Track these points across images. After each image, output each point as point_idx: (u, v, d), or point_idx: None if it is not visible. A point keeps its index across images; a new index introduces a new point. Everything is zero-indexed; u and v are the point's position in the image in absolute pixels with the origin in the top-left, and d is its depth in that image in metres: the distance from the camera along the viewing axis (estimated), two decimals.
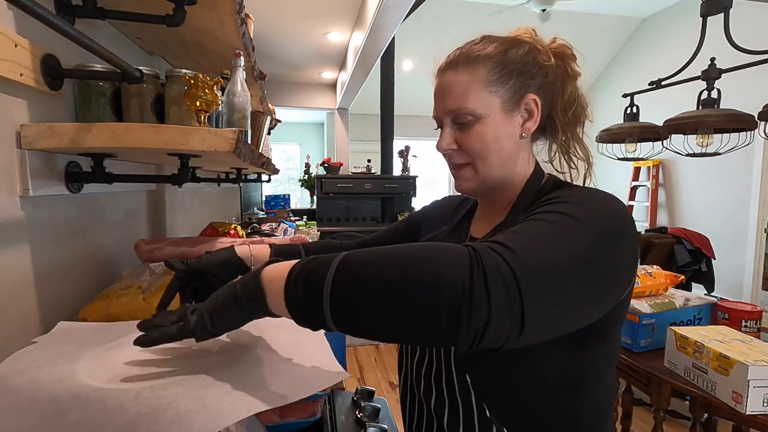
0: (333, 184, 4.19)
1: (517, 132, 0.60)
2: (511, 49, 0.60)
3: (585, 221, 0.46)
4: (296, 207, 5.62)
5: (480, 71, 0.58)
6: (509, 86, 0.59)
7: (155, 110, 0.83)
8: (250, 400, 0.43)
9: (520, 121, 0.61)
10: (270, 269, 0.47)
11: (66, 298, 0.84)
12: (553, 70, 0.61)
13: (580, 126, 0.64)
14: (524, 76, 0.59)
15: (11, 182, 0.67)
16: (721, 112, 1.88)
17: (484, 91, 0.58)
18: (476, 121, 0.59)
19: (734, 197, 4.42)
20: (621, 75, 5.99)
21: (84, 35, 0.59)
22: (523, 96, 0.60)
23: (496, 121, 0.59)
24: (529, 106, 0.60)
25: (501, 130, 0.59)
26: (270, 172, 1.70)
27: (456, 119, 0.60)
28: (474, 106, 0.58)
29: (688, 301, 1.51)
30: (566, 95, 0.62)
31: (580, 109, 0.63)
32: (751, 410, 1.05)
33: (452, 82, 0.60)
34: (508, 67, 0.59)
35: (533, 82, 0.60)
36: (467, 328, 0.38)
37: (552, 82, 0.61)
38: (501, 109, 0.59)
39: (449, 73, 0.61)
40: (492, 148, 0.59)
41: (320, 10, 3.14)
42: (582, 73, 0.65)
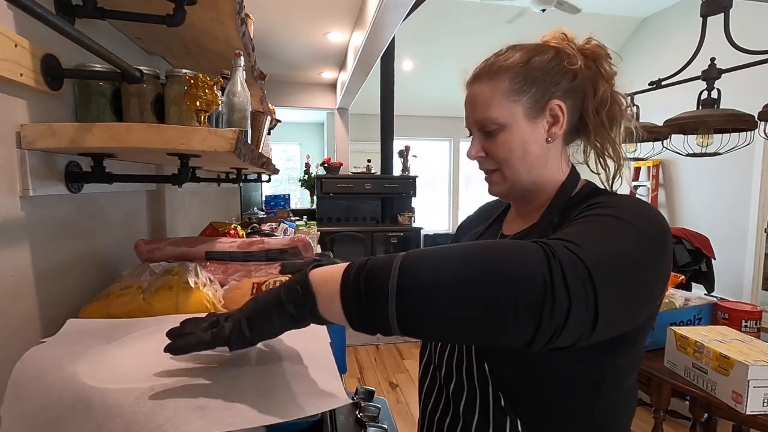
0: (333, 184, 4.19)
1: (542, 137, 0.62)
2: (535, 57, 0.61)
3: (636, 224, 0.48)
4: (296, 207, 5.63)
5: (501, 82, 0.61)
6: (531, 94, 0.61)
7: (155, 110, 0.83)
8: (250, 415, 0.43)
9: (546, 126, 0.62)
10: (318, 272, 0.46)
11: (66, 298, 0.84)
12: (582, 71, 0.61)
13: (617, 126, 0.64)
14: (547, 82, 0.61)
15: (11, 182, 0.67)
16: (721, 112, 1.88)
17: (506, 101, 0.60)
18: (500, 129, 0.61)
19: (734, 197, 4.42)
20: (621, 75, 5.93)
21: (84, 35, 0.59)
22: (547, 102, 0.61)
23: (521, 129, 0.61)
24: (554, 112, 0.61)
25: (526, 137, 0.61)
26: (270, 172, 1.70)
27: (482, 128, 0.63)
28: (497, 116, 0.61)
29: (688, 301, 1.51)
30: (598, 96, 0.62)
31: (616, 107, 0.63)
32: (751, 410, 1.05)
33: (477, 94, 0.63)
34: (530, 75, 0.60)
35: (558, 87, 0.61)
36: (548, 325, 0.38)
37: (581, 85, 0.62)
38: (524, 117, 0.61)
39: (475, 86, 0.64)
40: (517, 154, 0.62)
41: (320, 10, 3.14)
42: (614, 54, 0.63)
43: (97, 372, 0.49)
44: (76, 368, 0.50)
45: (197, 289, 0.85)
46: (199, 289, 0.86)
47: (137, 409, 0.42)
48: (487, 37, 5.37)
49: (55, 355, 0.55)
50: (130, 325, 0.68)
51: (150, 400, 0.43)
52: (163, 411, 0.42)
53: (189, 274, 0.89)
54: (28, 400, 0.47)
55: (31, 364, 0.52)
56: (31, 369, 0.51)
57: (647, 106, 2.84)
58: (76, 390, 0.46)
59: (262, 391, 0.48)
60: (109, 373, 0.49)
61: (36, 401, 0.46)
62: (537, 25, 5.13)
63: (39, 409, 0.45)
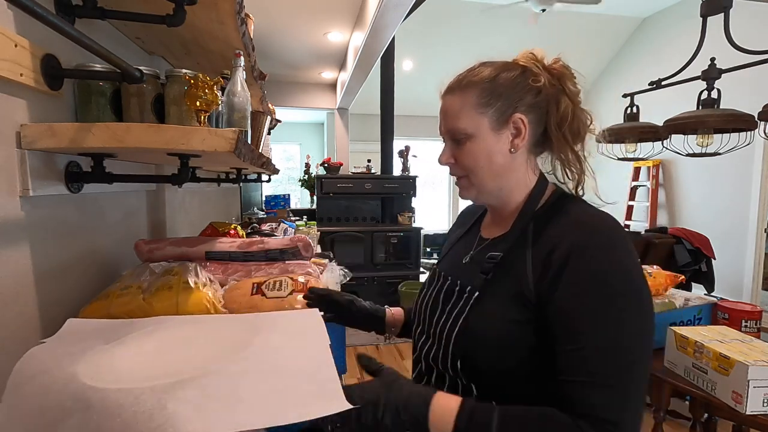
0: (333, 184, 4.19)
1: (506, 148, 0.67)
2: (502, 74, 0.67)
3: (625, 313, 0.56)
4: (296, 207, 5.63)
5: (470, 95, 0.67)
6: (497, 108, 0.66)
7: (155, 110, 0.83)
8: (251, 417, 0.43)
9: (510, 137, 0.67)
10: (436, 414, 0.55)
11: (66, 298, 0.84)
12: (546, 89, 0.67)
13: (580, 140, 0.69)
14: (512, 97, 0.66)
15: (11, 182, 0.67)
16: (721, 112, 1.88)
17: (474, 113, 0.66)
18: (468, 139, 0.67)
19: (734, 197, 4.42)
20: (621, 75, 5.98)
21: (84, 35, 0.59)
22: (510, 115, 0.66)
23: (486, 139, 0.67)
24: (517, 125, 0.67)
25: (491, 147, 0.67)
26: (270, 172, 1.70)
27: (452, 137, 0.69)
28: (465, 126, 0.67)
29: (688, 301, 1.51)
30: (560, 112, 0.67)
31: (578, 123, 0.68)
32: (751, 410, 1.05)
33: (449, 105, 0.69)
34: (496, 90, 0.66)
35: (522, 101, 0.67)
36: None
37: (544, 101, 0.68)
38: (490, 128, 0.67)
39: (447, 97, 0.70)
40: (482, 162, 0.67)
41: (320, 10, 3.14)
42: (582, 74, 0.68)
43: (97, 372, 0.49)
44: (75, 368, 0.50)
45: (197, 289, 0.85)
46: (199, 289, 0.86)
47: (137, 409, 0.42)
48: (487, 37, 5.38)
49: (54, 355, 0.54)
50: (130, 325, 0.68)
51: (150, 401, 0.43)
52: (163, 411, 0.41)
53: (189, 274, 0.89)
54: (27, 400, 0.47)
55: (31, 364, 0.52)
56: (30, 369, 0.51)
57: (647, 106, 2.84)
58: (76, 390, 0.46)
59: (262, 393, 0.48)
60: (108, 373, 0.49)
61: (35, 401, 0.46)
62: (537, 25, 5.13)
63: (38, 409, 0.45)
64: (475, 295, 0.66)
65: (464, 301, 0.67)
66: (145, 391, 0.44)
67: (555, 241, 0.60)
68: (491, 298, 0.64)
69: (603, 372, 0.54)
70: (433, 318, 0.72)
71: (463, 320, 0.65)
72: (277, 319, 0.76)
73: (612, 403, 0.53)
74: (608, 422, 0.52)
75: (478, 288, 0.66)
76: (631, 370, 0.54)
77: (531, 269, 0.61)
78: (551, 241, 0.61)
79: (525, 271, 0.62)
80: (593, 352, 0.55)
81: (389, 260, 4.33)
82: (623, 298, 0.56)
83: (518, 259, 0.64)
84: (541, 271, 0.60)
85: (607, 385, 0.53)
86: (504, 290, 0.63)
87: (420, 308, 0.78)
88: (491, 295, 0.64)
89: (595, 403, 0.53)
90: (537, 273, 0.60)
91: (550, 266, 0.59)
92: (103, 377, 0.48)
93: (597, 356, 0.54)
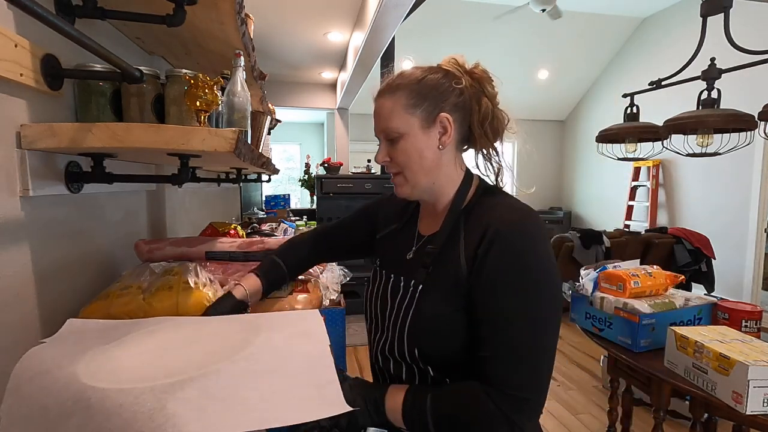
0: (333, 184, 4.19)
1: (435, 145, 0.73)
2: (428, 76, 0.73)
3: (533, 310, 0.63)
4: (296, 207, 5.63)
5: (400, 97, 0.72)
6: (424, 108, 0.71)
7: (155, 110, 0.83)
8: (251, 418, 0.43)
9: (438, 135, 0.73)
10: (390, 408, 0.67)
11: (66, 298, 0.84)
12: (467, 90, 0.73)
13: (499, 137, 0.76)
14: (437, 98, 0.72)
15: (11, 182, 0.67)
16: (721, 112, 1.87)
17: (404, 113, 0.71)
18: (400, 137, 0.72)
19: (734, 197, 4.42)
20: (621, 75, 5.98)
21: (84, 35, 0.59)
22: (437, 115, 0.72)
23: (417, 137, 0.72)
24: (443, 123, 0.72)
25: (421, 144, 0.72)
26: (270, 172, 1.70)
27: (386, 136, 0.74)
28: (397, 126, 0.72)
29: (688, 301, 1.51)
30: (481, 111, 0.73)
31: (497, 122, 0.74)
32: (751, 410, 1.05)
33: (381, 107, 0.74)
34: (422, 91, 0.71)
35: (447, 102, 0.72)
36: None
37: (467, 101, 0.73)
38: (420, 127, 0.72)
39: (380, 99, 0.75)
40: (414, 158, 0.73)
41: (320, 10, 3.14)
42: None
43: (97, 372, 0.49)
44: (75, 368, 0.50)
45: (197, 289, 0.85)
46: (199, 289, 0.86)
47: (137, 409, 0.42)
48: (487, 36, 5.38)
49: (55, 356, 0.54)
50: (130, 326, 0.68)
51: (150, 401, 0.43)
52: (163, 411, 0.41)
53: (189, 274, 0.89)
54: (28, 400, 0.47)
55: (31, 364, 0.52)
56: (31, 369, 0.51)
57: (647, 106, 2.84)
58: (76, 390, 0.46)
59: (262, 394, 0.48)
60: (109, 374, 0.49)
61: (36, 401, 0.46)
62: (537, 25, 5.14)
63: (39, 409, 0.45)
64: (420, 288, 0.72)
65: (410, 295, 0.73)
66: (145, 391, 0.44)
67: (482, 232, 0.67)
68: (434, 290, 0.70)
69: (511, 347, 0.62)
70: (384, 313, 0.78)
71: (412, 313, 0.71)
72: (277, 319, 0.75)
73: (517, 373, 0.62)
74: (511, 388, 0.61)
75: (421, 282, 0.72)
76: (537, 347, 0.63)
77: (464, 261, 0.68)
78: (479, 232, 0.67)
79: (459, 263, 0.68)
80: (505, 330, 0.63)
81: None
82: (535, 283, 0.64)
83: (453, 252, 0.70)
84: (472, 261, 0.67)
85: (515, 358, 0.62)
86: (443, 282, 0.70)
87: (370, 306, 0.84)
88: (433, 288, 0.71)
89: (501, 374, 0.62)
90: (469, 263, 0.67)
91: (477, 256, 0.66)
92: (103, 377, 0.48)
93: (508, 334, 0.63)
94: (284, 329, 0.68)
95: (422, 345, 0.70)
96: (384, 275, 0.82)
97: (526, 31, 5.31)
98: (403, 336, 0.72)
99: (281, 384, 0.51)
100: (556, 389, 2.72)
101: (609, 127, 2.41)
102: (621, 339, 1.45)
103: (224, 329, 0.70)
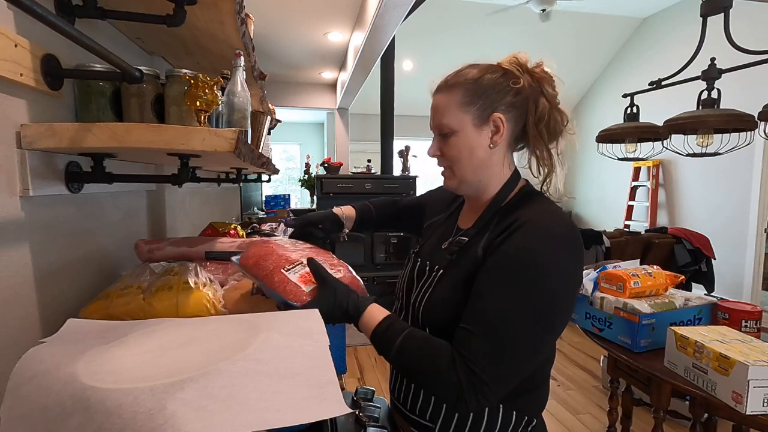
0: (333, 184, 4.19)
1: (486, 143, 0.74)
2: (486, 75, 0.73)
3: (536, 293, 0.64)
4: (296, 207, 5.62)
5: (456, 94, 0.73)
6: (478, 106, 0.73)
7: (155, 110, 0.83)
8: (249, 418, 0.43)
9: (490, 134, 0.74)
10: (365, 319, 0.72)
11: (66, 298, 0.84)
12: (525, 89, 0.73)
13: (555, 139, 0.76)
14: (492, 97, 0.73)
15: (11, 182, 0.67)
16: (721, 112, 1.87)
17: (458, 111, 0.73)
18: (452, 134, 0.74)
19: (734, 197, 4.42)
20: (621, 75, 5.98)
21: (84, 35, 0.59)
22: (491, 114, 0.73)
23: (469, 135, 0.73)
24: (496, 123, 0.73)
25: (473, 142, 0.74)
26: (270, 172, 1.70)
27: (439, 131, 0.76)
28: (449, 122, 0.74)
29: (688, 301, 1.51)
30: (538, 112, 0.74)
31: (554, 122, 0.75)
32: (751, 410, 1.05)
33: (437, 103, 0.76)
34: (478, 90, 0.73)
35: (502, 101, 0.73)
36: None
37: (523, 101, 0.74)
38: (472, 125, 0.73)
39: (436, 95, 0.77)
40: (464, 155, 0.74)
41: (320, 10, 3.14)
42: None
43: (97, 372, 0.49)
44: (75, 368, 0.50)
45: (197, 289, 0.85)
46: (199, 289, 0.86)
47: (136, 409, 0.42)
48: (487, 36, 5.37)
49: (54, 355, 0.54)
50: (131, 326, 0.68)
51: (149, 401, 0.43)
52: (162, 412, 0.41)
53: (189, 274, 0.89)
54: (27, 400, 0.47)
55: (31, 363, 0.52)
56: (31, 369, 0.51)
57: (647, 106, 2.84)
58: (76, 390, 0.46)
59: (262, 394, 0.48)
60: (108, 374, 0.49)
61: (35, 401, 0.46)
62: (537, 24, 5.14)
63: (38, 408, 0.45)
64: (439, 272, 0.76)
65: (431, 278, 0.77)
66: (144, 391, 0.44)
67: (508, 223, 0.69)
68: (452, 275, 0.74)
69: (494, 333, 0.64)
70: (409, 295, 0.82)
71: (429, 294, 0.75)
72: (277, 318, 0.75)
73: (488, 358, 0.63)
74: (477, 366, 0.63)
75: (442, 267, 0.76)
76: (518, 342, 0.64)
77: (481, 249, 0.71)
78: (506, 224, 0.69)
79: (477, 251, 0.71)
80: (494, 315, 0.64)
81: (389, 260, 4.33)
82: (541, 283, 0.64)
83: (476, 244, 0.73)
84: (488, 247, 0.70)
85: (493, 344, 0.63)
86: (462, 269, 0.72)
87: (400, 287, 0.88)
88: (452, 273, 0.74)
89: (473, 350, 0.64)
90: (485, 249, 0.70)
91: (493, 244, 0.68)
92: (103, 377, 0.48)
93: (496, 320, 0.64)
94: (284, 329, 0.68)
95: (433, 324, 0.73)
96: (415, 260, 0.86)
97: (526, 30, 5.31)
98: (417, 314, 0.76)
99: (281, 384, 0.51)
100: (556, 389, 2.72)
101: (609, 127, 2.41)
102: (621, 339, 1.45)
103: (224, 329, 0.70)
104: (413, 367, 0.68)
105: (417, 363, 0.67)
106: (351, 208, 1.02)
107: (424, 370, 0.67)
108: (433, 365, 0.65)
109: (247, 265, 0.80)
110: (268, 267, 0.77)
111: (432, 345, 0.68)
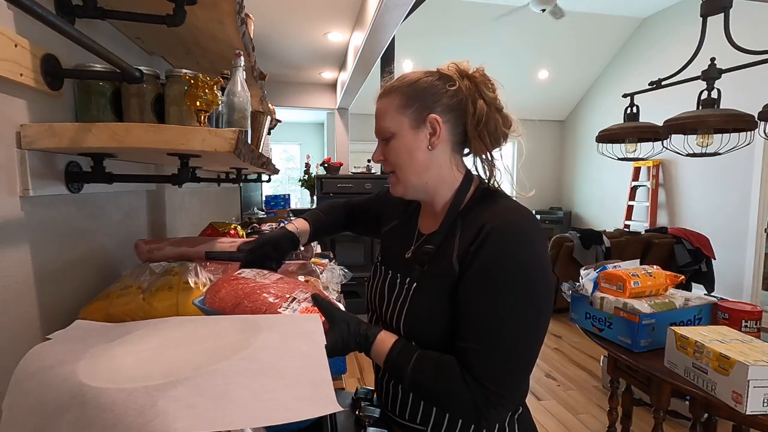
0: (333, 184, 4.19)
1: (425, 145, 0.74)
2: (423, 78, 0.74)
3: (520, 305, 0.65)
4: (296, 207, 5.62)
5: (394, 98, 0.75)
6: (415, 108, 0.73)
7: (155, 110, 0.83)
8: (240, 416, 0.43)
9: (427, 136, 0.74)
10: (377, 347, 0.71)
11: (66, 298, 0.84)
12: (462, 92, 0.74)
13: (498, 141, 0.76)
14: (429, 99, 0.73)
15: (11, 182, 0.67)
16: (721, 112, 1.87)
17: (396, 114, 0.74)
18: (392, 137, 0.75)
19: (734, 197, 4.42)
20: (621, 75, 5.98)
21: (84, 35, 0.59)
22: (427, 116, 0.73)
23: (406, 136, 0.74)
24: (433, 124, 0.73)
25: (411, 143, 0.74)
26: (270, 172, 1.70)
27: (381, 136, 0.77)
28: (389, 125, 0.75)
29: (688, 301, 1.51)
30: (476, 113, 0.73)
31: (494, 124, 0.74)
32: (751, 410, 1.05)
33: (378, 108, 0.77)
34: (415, 93, 0.73)
35: (438, 103, 0.73)
36: None
37: (460, 103, 0.74)
38: (409, 127, 0.74)
39: (378, 101, 0.78)
40: (404, 158, 0.75)
41: (320, 10, 3.14)
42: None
43: (95, 370, 0.50)
44: (75, 366, 0.50)
45: (197, 289, 0.85)
46: (199, 289, 0.86)
47: (128, 405, 0.42)
48: (487, 37, 5.38)
49: (57, 352, 0.55)
50: (137, 327, 0.68)
51: (142, 398, 0.43)
52: (153, 408, 0.42)
53: (189, 274, 0.89)
54: (28, 395, 0.47)
55: (35, 360, 0.53)
56: (33, 365, 0.52)
57: (647, 106, 2.84)
58: (73, 387, 0.46)
59: (254, 393, 0.48)
60: (106, 372, 0.49)
61: (36, 396, 0.47)
62: (537, 25, 5.14)
63: (38, 404, 0.46)
64: (413, 286, 0.74)
65: (405, 292, 0.76)
66: (138, 389, 0.45)
67: (477, 230, 0.68)
68: (427, 288, 0.73)
69: (496, 343, 0.64)
70: (381, 308, 0.81)
71: (407, 309, 0.74)
72: (276, 320, 0.75)
73: (499, 370, 0.64)
74: (490, 382, 0.64)
75: (415, 279, 0.75)
76: (521, 346, 0.65)
77: (456, 258, 0.70)
78: (474, 231, 0.69)
79: (452, 261, 0.70)
80: (492, 326, 0.64)
81: None
82: (525, 282, 0.65)
83: (447, 251, 0.72)
84: (464, 257, 0.69)
85: (498, 355, 0.64)
86: (437, 280, 0.72)
87: (370, 299, 0.87)
88: (427, 285, 0.73)
89: (482, 367, 0.64)
90: (461, 260, 0.69)
91: (469, 253, 0.68)
92: (101, 376, 0.48)
93: (495, 330, 0.64)
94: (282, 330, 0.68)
95: (416, 338, 0.73)
96: (383, 271, 0.84)
97: (526, 31, 5.31)
98: (398, 329, 0.75)
99: (274, 383, 0.51)
100: (556, 389, 2.72)
101: (609, 127, 2.41)
102: (621, 339, 1.45)
103: (224, 329, 0.70)
104: (428, 388, 0.68)
105: (432, 385, 0.68)
106: (303, 221, 0.98)
107: (442, 397, 0.67)
108: (450, 393, 0.66)
109: (224, 308, 0.71)
110: (260, 308, 0.71)
111: (444, 369, 0.67)
